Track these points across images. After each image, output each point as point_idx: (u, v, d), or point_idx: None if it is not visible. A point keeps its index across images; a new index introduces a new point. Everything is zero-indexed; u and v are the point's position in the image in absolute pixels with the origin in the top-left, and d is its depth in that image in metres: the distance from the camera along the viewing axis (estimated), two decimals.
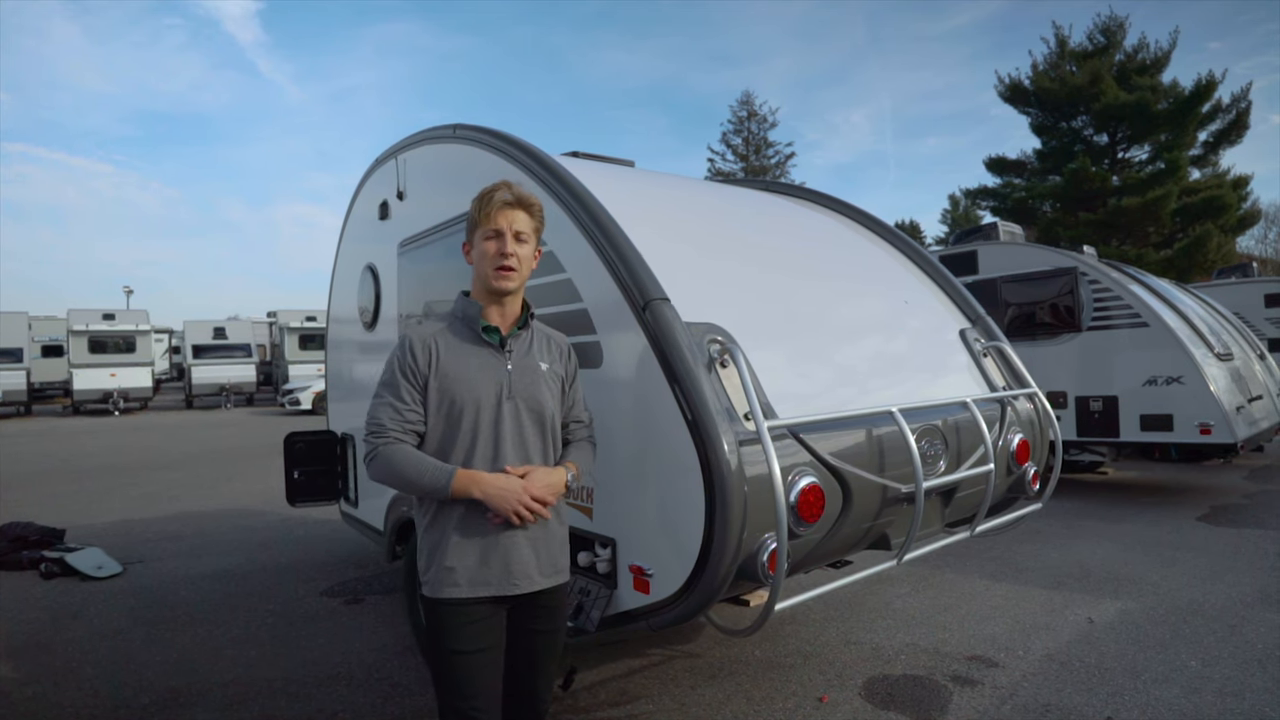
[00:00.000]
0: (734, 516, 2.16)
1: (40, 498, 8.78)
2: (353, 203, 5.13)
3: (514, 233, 1.93)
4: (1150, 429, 6.96)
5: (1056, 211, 24.12)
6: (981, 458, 2.94)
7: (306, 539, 6.54)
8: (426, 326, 1.98)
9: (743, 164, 34.54)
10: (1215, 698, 3.20)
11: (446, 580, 1.87)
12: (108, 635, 4.26)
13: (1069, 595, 4.55)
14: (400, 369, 1.90)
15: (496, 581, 1.89)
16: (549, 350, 2.08)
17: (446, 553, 1.88)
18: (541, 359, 2.03)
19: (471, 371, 1.92)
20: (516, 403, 1.94)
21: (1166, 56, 23.65)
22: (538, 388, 1.98)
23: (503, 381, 1.94)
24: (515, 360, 1.98)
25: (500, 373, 1.95)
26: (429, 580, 1.90)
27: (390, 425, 1.86)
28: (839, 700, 3.28)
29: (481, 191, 1.97)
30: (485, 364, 1.94)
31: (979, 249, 8.41)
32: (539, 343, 2.07)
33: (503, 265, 1.92)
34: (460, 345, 1.95)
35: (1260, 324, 12.51)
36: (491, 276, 1.93)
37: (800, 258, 3.57)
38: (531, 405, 1.96)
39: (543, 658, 2.03)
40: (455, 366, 1.91)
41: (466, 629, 1.87)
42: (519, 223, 1.95)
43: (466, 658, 1.86)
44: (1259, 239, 39.39)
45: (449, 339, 1.95)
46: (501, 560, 1.89)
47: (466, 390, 1.90)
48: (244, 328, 26.22)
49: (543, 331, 2.12)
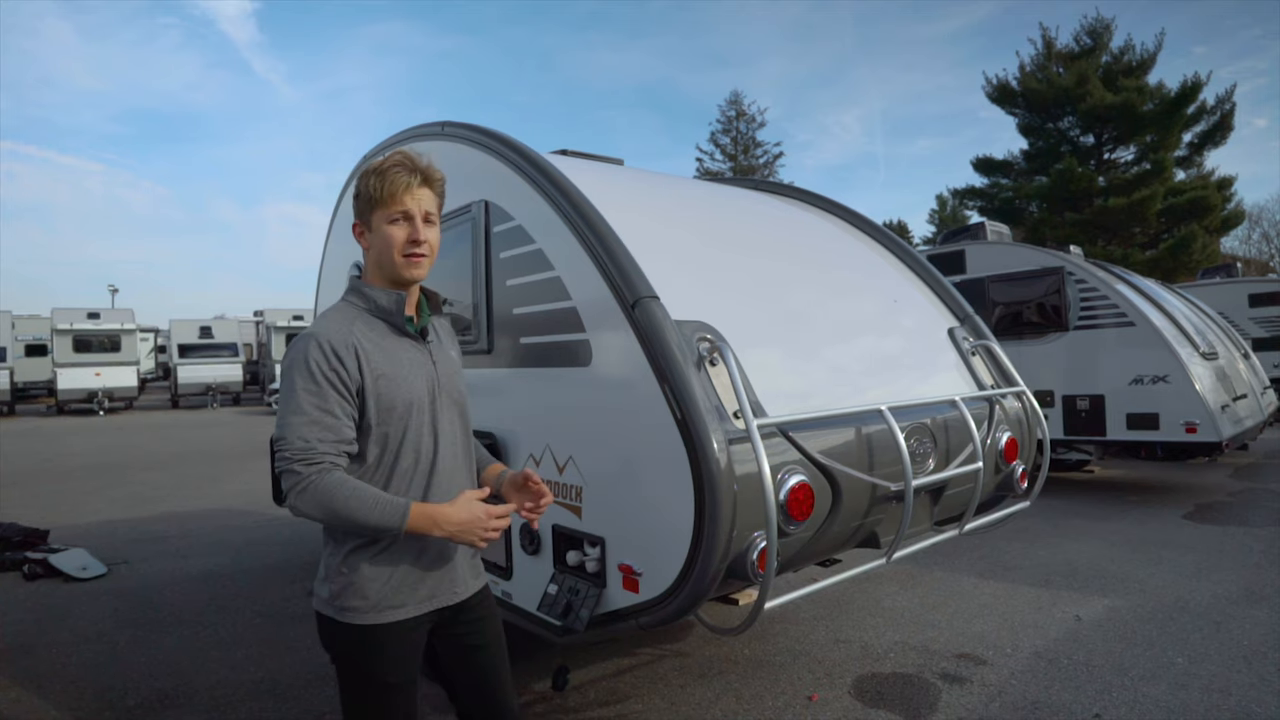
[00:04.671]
0: (723, 515, 2.16)
1: (24, 498, 8.69)
2: (340, 201, 5.09)
3: (423, 214, 1.68)
4: (1136, 428, 7.01)
5: (1043, 211, 24.29)
6: (970, 456, 2.95)
7: (293, 539, 6.49)
8: (334, 323, 1.65)
9: (731, 163, 34.60)
10: (1202, 694, 3.22)
11: (385, 601, 1.63)
12: (93, 637, 4.22)
13: (1057, 593, 4.57)
14: (323, 374, 1.57)
15: (443, 592, 1.71)
16: (451, 337, 1.91)
17: (387, 571, 1.64)
18: (450, 347, 1.87)
19: (404, 370, 1.68)
20: (444, 399, 1.75)
21: (1152, 59, 23.87)
22: (459, 378, 1.82)
23: (431, 377, 1.74)
24: (436, 352, 1.78)
25: (428, 369, 1.74)
26: (354, 605, 1.62)
27: (322, 447, 1.55)
28: (828, 699, 3.28)
29: (377, 165, 1.68)
30: (414, 360, 1.72)
31: (967, 248, 8.44)
32: (443, 330, 1.88)
33: (414, 253, 1.67)
34: (383, 341, 1.68)
35: (1244, 324, 12.65)
36: (402, 265, 1.67)
37: (789, 257, 3.57)
38: (456, 399, 1.79)
39: (499, 668, 1.84)
40: (387, 367, 1.65)
41: (404, 658, 1.66)
42: (426, 202, 1.69)
43: (401, 691, 1.66)
44: (1243, 239, 39.81)
45: (370, 336, 1.67)
46: (442, 568, 1.71)
47: (403, 393, 1.66)
48: (230, 327, 26.03)
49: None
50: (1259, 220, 39.99)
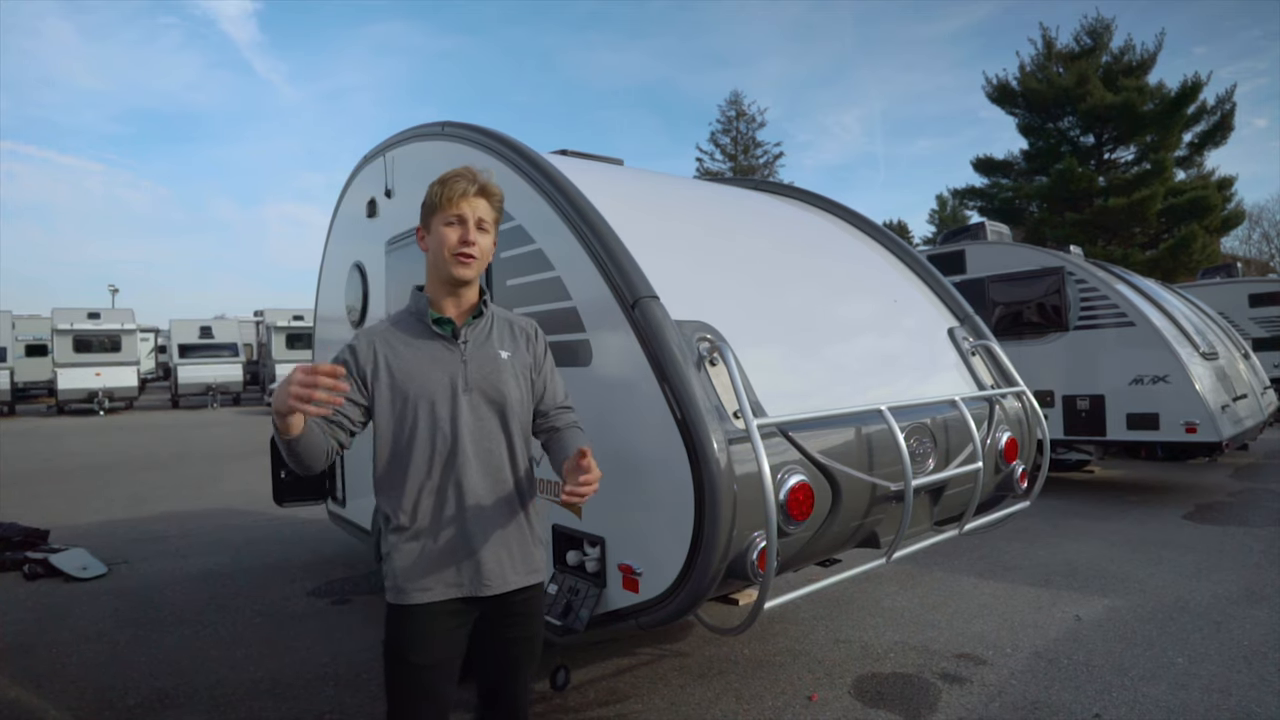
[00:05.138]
0: (723, 515, 2.16)
1: (24, 498, 8.69)
2: (340, 201, 5.10)
3: (476, 220, 1.85)
4: (1136, 428, 7.01)
5: (1043, 211, 24.29)
6: (970, 456, 2.95)
7: (293, 539, 6.50)
8: (376, 325, 1.92)
9: (731, 163, 34.59)
10: (1202, 694, 3.22)
11: (413, 584, 1.78)
12: (93, 637, 4.22)
13: (1057, 593, 4.57)
14: (340, 361, 1.82)
15: (468, 583, 1.81)
16: (511, 337, 1.97)
17: (412, 555, 1.79)
18: (502, 347, 1.93)
19: (423, 366, 1.83)
20: (474, 395, 1.85)
21: (1153, 59, 23.87)
22: (498, 377, 1.88)
23: (456, 374, 1.84)
24: (471, 351, 1.88)
25: (454, 365, 1.85)
26: (395, 586, 1.80)
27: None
28: (828, 699, 3.28)
29: (443, 175, 1.88)
30: (437, 357, 1.85)
31: (967, 249, 8.44)
32: (499, 330, 1.96)
33: (463, 253, 1.83)
34: (409, 340, 1.86)
35: (1244, 324, 12.65)
36: (450, 264, 1.84)
37: (789, 257, 3.57)
38: (491, 396, 1.87)
39: (521, 665, 1.94)
40: (404, 362, 1.83)
41: (429, 639, 1.78)
42: (481, 210, 1.86)
43: (426, 670, 1.78)
44: (1243, 239, 39.81)
45: (396, 335, 1.87)
46: (472, 560, 1.81)
47: (418, 386, 1.81)
48: (230, 327, 26.02)
49: (503, 318, 2.01)
50: (1259, 220, 40.02)
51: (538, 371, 1.99)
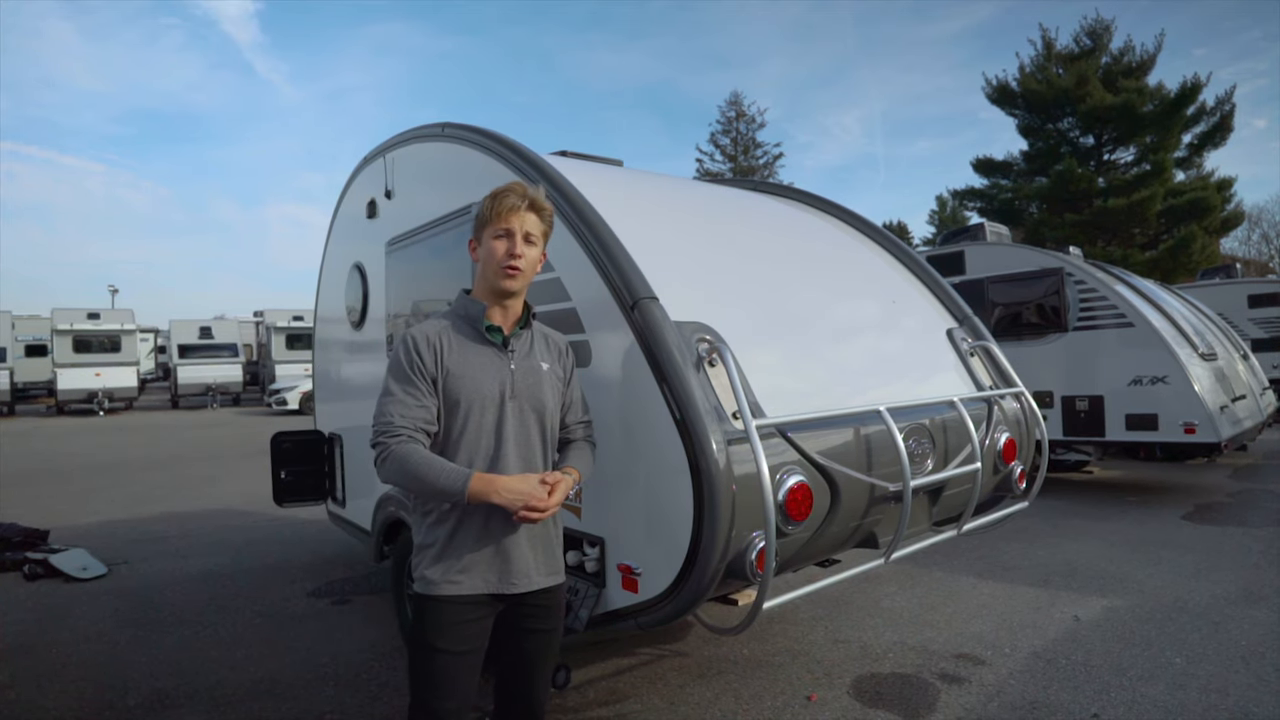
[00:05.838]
0: (722, 515, 2.17)
1: (24, 498, 8.69)
2: (340, 201, 5.10)
3: (524, 234, 1.94)
4: (1135, 428, 7.01)
5: (1043, 212, 24.30)
6: (969, 456, 2.96)
7: (293, 539, 6.50)
8: (430, 324, 1.97)
9: (731, 164, 34.60)
10: (1200, 694, 3.23)
11: (443, 577, 1.86)
12: (93, 637, 4.22)
13: (1055, 593, 4.58)
14: (409, 365, 1.88)
15: (497, 580, 1.89)
16: (549, 350, 2.08)
17: (445, 550, 1.88)
18: (543, 359, 2.04)
19: (475, 370, 1.92)
20: (520, 403, 1.94)
21: (1152, 59, 23.89)
22: (540, 388, 1.98)
23: (505, 381, 1.94)
24: (518, 360, 1.98)
25: (504, 372, 1.94)
26: (424, 577, 1.88)
27: (400, 423, 1.83)
28: (827, 698, 3.29)
29: (495, 190, 1.97)
30: (488, 363, 1.94)
31: (966, 249, 8.45)
32: (539, 342, 2.07)
33: (510, 265, 1.92)
34: (464, 344, 1.94)
35: (1244, 324, 12.66)
36: (498, 275, 1.93)
37: (788, 258, 3.57)
38: (534, 405, 1.97)
39: (540, 658, 2.02)
40: (460, 365, 1.91)
41: (456, 628, 1.86)
42: (529, 224, 1.95)
43: (451, 658, 1.85)
44: (1242, 240, 39.85)
45: (453, 337, 1.94)
46: (501, 559, 1.89)
47: (471, 389, 1.90)
48: (230, 327, 26.03)
49: (542, 331, 2.12)
50: (1259, 221, 40.05)
51: (567, 385, 2.11)
